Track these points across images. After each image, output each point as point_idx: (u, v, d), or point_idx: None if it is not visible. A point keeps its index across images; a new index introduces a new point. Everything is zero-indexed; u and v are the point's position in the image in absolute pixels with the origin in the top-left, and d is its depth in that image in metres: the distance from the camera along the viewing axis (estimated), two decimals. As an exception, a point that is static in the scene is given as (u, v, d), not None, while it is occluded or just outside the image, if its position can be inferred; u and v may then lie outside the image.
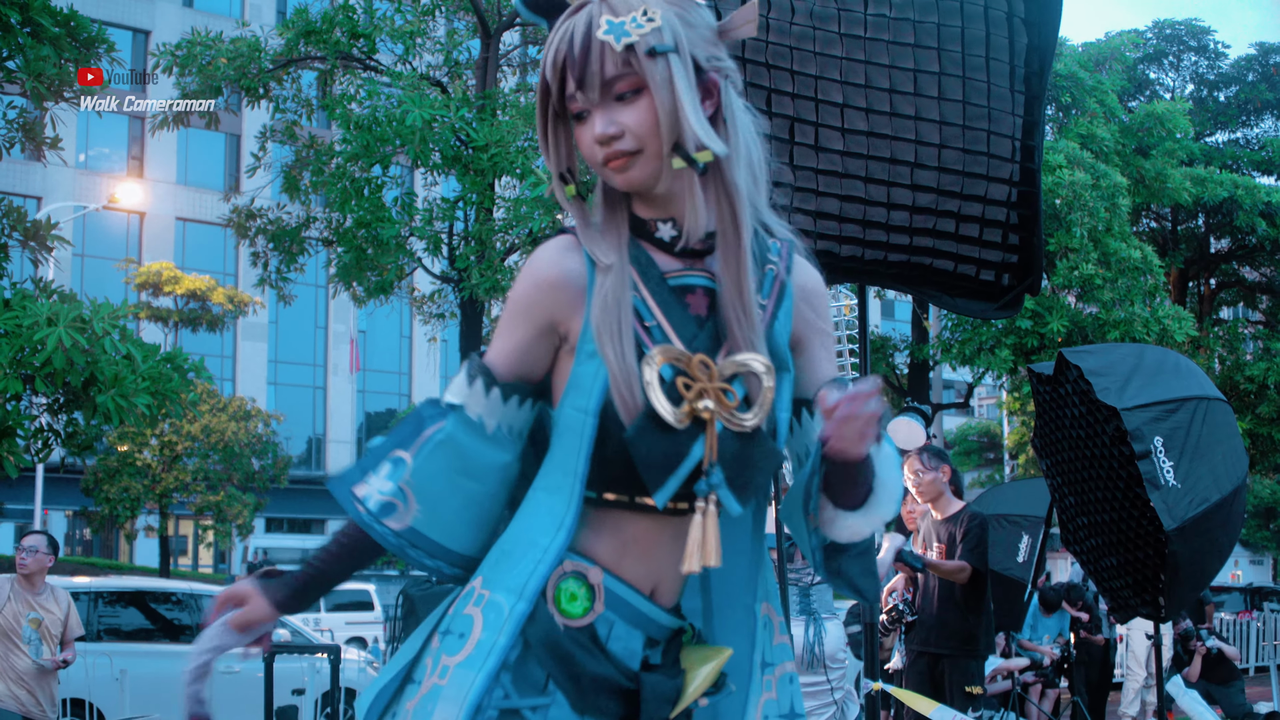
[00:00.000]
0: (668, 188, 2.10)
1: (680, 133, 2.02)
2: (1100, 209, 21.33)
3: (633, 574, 2.18)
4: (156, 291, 36.96)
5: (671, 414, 2.03)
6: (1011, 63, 5.00)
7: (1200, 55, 30.44)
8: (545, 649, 2.13)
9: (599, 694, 2.12)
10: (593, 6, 2.04)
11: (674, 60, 2.02)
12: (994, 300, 5.50)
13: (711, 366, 2.06)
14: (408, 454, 2.14)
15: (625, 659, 2.17)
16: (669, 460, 2.06)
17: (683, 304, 2.12)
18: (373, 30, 20.54)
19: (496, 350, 2.17)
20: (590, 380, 2.11)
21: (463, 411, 2.14)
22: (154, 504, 34.55)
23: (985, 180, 5.13)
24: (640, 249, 2.14)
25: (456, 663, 2.13)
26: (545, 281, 2.13)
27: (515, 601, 2.12)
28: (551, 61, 2.06)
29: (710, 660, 2.22)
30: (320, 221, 22.46)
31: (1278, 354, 25.34)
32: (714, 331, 2.12)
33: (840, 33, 4.85)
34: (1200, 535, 6.89)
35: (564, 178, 2.16)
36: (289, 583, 2.26)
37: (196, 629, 12.88)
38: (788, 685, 2.34)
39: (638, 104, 2.03)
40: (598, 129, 2.04)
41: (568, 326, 2.13)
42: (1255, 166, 28.31)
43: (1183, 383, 7.28)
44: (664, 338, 2.09)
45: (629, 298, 2.08)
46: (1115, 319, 21.46)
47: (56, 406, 12.25)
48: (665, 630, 2.23)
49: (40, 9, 12.01)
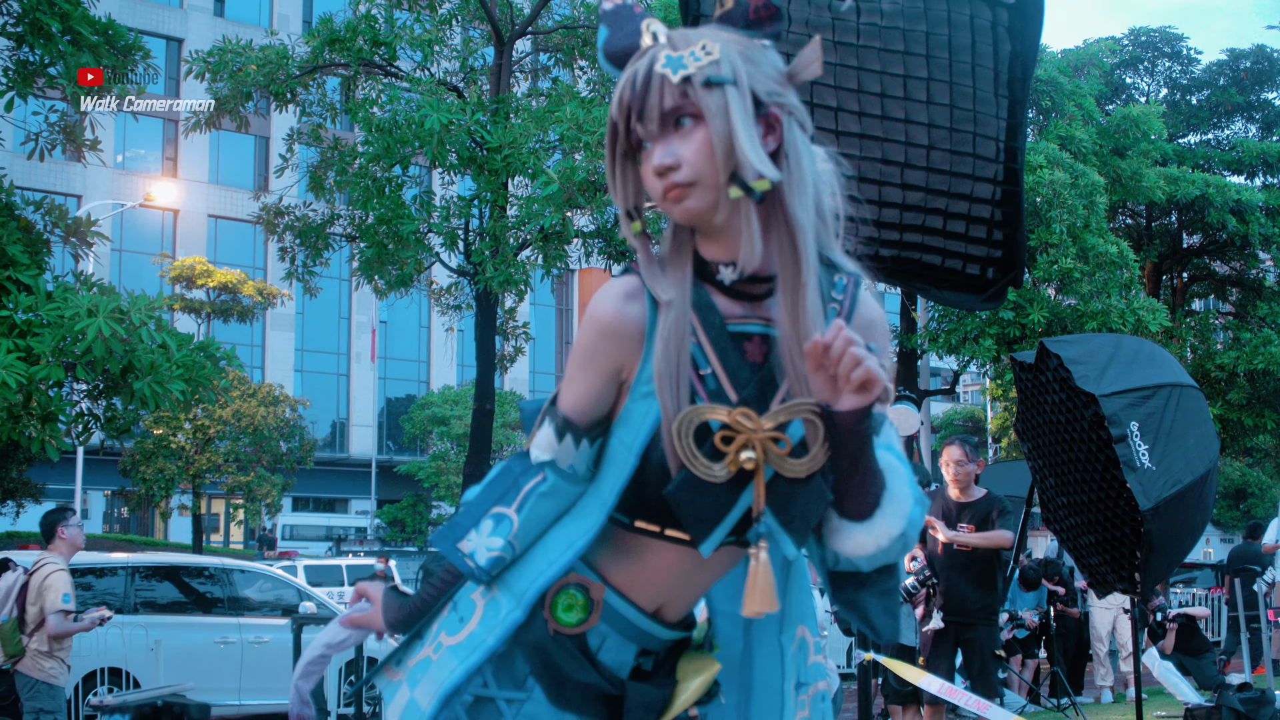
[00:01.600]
0: (726, 220, 2.02)
1: (736, 162, 1.96)
2: (1079, 206, 21.31)
3: (640, 595, 2.16)
4: (190, 284, 36.99)
5: (711, 471, 1.99)
6: (996, 69, 4.98)
7: (1174, 61, 30.37)
8: (532, 650, 2.14)
9: (581, 698, 2.13)
10: (656, 48, 2.01)
11: (730, 91, 1.96)
12: (979, 293, 5.49)
13: (754, 418, 1.98)
14: (510, 510, 2.13)
15: (615, 669, 2.16)
16: (714, 514, 2.02)
17: (739, 350, 2.06)
18: (393, 39, 20.57)
19: (571, 398, 2.13)
20: (640, 420, 2.07)
21: (555, 465, 2.12)
22: (187, 484, 34.61)
23: (971, 179, 5.12)
24: (703, 292, 2.07)
25: (449, 645, 2.16)
26: (610, 330, 2.08)
27: (513, 608, 2.13)
28: (618, 100, 2.02)
29: (702, 672, 2.21)
30: (344, 218, 22.51)
31: (1246, 344, 25.29)
32: (768, 377, 2.05)
33: (834, 41, 4.84)
34: (1174, 515, 6.89)
35: (630, 215, 2.09)
36: (404, 608, 2.31)
37: (228, 601, 12.94)
38: (820, 703, 2.33)
39: (694, 135, 1.97)
40: (656, 159, 1.99)
41: (630, 370, 2.09)
42: (1225, 166, 28.25)
43: (1157, 370, 7.28)
44: (717, 386, 2.03)
45: (688, 345, 2.02)
46: (1093, 310, 21.44)
47: (96, 392, 12.26)
48: (663, 643, 2.22)
49: (80, 18, 12.01)
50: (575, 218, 20.62)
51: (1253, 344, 24.99)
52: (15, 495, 27.71)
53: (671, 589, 2.17)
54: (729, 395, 2.02)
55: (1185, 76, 30.32)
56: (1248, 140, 28.59)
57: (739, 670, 2.32)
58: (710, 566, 2.14)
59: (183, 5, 48.84)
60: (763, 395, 2.04)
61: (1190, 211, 26.63)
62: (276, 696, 12.03)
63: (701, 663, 2.24)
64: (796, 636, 2.33)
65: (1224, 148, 29.35)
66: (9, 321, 11.11)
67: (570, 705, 2.12)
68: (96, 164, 21.13)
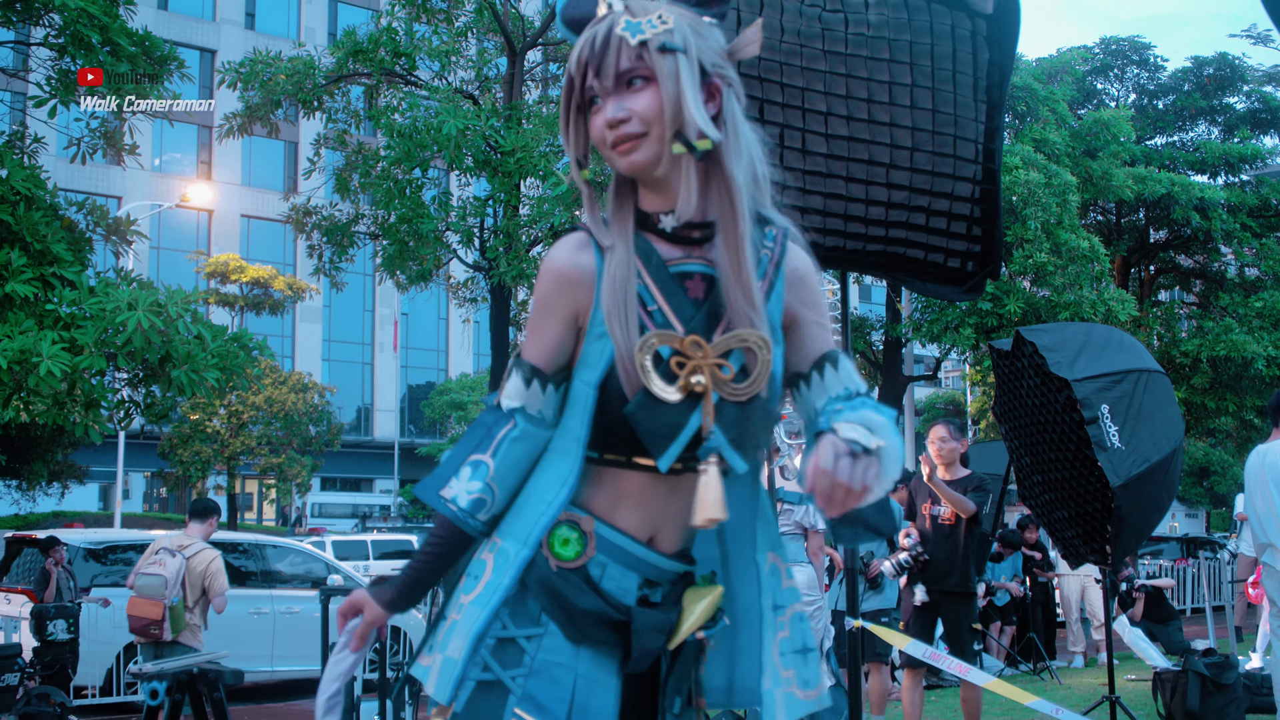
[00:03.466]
0: (667, 173, 2.09)
1: (682, 121, 2.03)
2: (1052, 204, 21.30)
3: (628, 523, 2.18)
4: (224, 280, 37.05)
5: (666, 391, 2.04)
6: (975, 75, 4.97)
7: (1142, 68, 30.31)
8: (539, 587, 2.14)
9: (592, 626, 2.13)
10: (614, 14, 2.07)
11: (681, 59, 2.04)
12: (959, 284, 5.49)
13: (704, 345, 2.06)
14: (486, 456, 2.14)
15: (619, 596, 2.17)
16: (670, 430, 2.07)
17: (682, 288, 2.11)
18: (413, 50, 20.55)
19: (535, 348, 2.17)
20: (596, 358, 2.12)
21: (525, 410, 2.15)
22: (223, 466, 34.69)
23: (951, 179, 5.11)
24: (644, 240, 2.14)
25: (469, 600, 2.16)
26: (564, 278, 2.13)
27: (520, 549, 2.15)
28: (576, 58, 2.09)
29: (706, 597, 2.23)
30: (368, 218, 22.52)
31: (1209, 332, 25.28)
32: (711, 312, 2.11)
33: (824, 50, 4.83)
34: (1142, 491, 6.89)
35: (580, 163, 2.17)
36: (394, 585, 2.28)
37: (261, 575, 12.95)
38: (799, 624, 2.33)
39: (646, 93, 2.04)
40: (609, 113, 2.06)
41: (585, 315, 2.13)
42: (1190, 166, 28.22)
43: (1126, 357, 7.27)
44: (664, 320, 2.08)
45: (634, 283, 2.08)
46: (1066, 301, 21.45)
47: (136, 380, 12.26)
48: (666, 574, 2.23)
49: (118, 30, 12.00)
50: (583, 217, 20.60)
51: (1215, 332, 24.98)
52: (61, 477, 27.83)
53: (654, 515, 2.19)
54: (675, 327, 2.09)
55: (1152, 83, 30.27)
56: (1210, 142, 28.56)
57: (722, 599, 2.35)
58: (684, 493, 2.14)
59: (216, 19, 48.79)
60: (707, 328, 2.10)
61: (1157, 209, 26.61)
62: (306, 663, 12.05)
63: (706, 590, 2.26)
64: (768, 561, 2.33)
65: (1188, 149, 29.30)
66: (54, 315, 11.11)
67: (584, 637, 2.13)
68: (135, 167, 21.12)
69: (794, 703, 2.27)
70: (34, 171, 11.96)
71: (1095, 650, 14.24)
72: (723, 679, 2.36)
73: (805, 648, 2.33)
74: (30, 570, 12.48)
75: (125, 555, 12.77)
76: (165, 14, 45.32)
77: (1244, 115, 29.56)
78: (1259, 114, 29.57)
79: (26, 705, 10.41)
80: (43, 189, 11.82)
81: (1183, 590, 20.52)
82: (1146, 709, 8.32)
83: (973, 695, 7.94)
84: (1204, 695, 6.76)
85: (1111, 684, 7.86)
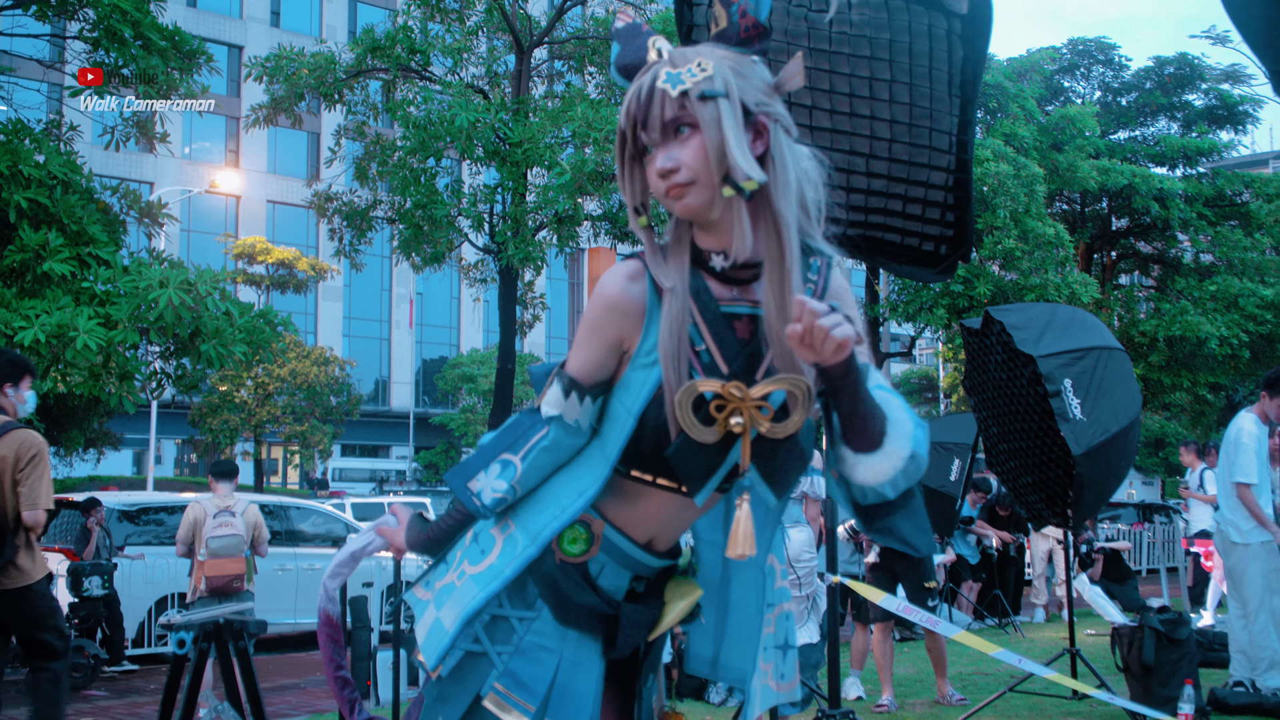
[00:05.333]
0: (721, 216, 2.03)
1: (728, 165, 1.97)
2: (1020, 194, 21.26)
3: (634, 531, 2.19)
4: (251, 261, 37.00)
5: (704, 434, 2.01)
6: (949, 72, 4.95)
7: (1107, 67, 30.19)
8: (541, 576, 2.16)
9: (582, 617, 2.16)
10: (659, 64, 2.02)
11: (723, 104, 1.97)
12: (933, 267, 5.47)
13: (743, 389, 2.00)
14: (516, 458, 2.14)
15: (612, 592, 2.20)
16: (707, 470, 2.06)
17: (730, 329, 2.07)
18: (427, 47, 20.53)
19: (577, 362, 2.13)
20: (639, 386, 2.08)
21: (561, 419, 2.12)
22: (250, 433, 34.73)
23: (927, 169, 5.10)
24: (698, 277, 2.08)
25: (472, 573, 2.18)
26: (615, 306, 2.09)
27: (528, 544, 2.15)
28: (625, 112, 2.03)
29: (686, 597, 2.27)
30: (385, 204, 22.50)
31: (1166, 313, 25.26)
32: (755, 351, 2.07)
33: (809, 47, 4.81)
34: (1102, 459, 6.89)
35: (637, 210, 2.11)
36: (424, 533, 2.35)
37: (285, 534, 12.95)
38: (784, 622, 2.38)
39: (692, 141, 1.98)
40: (659, 164, 2.00)
41: (631, 342, 2.09)
42: (1150, 159, 28.14)
43: (1088, 335, 7.26)
44: (710, 360, 2.05)
45: (688, 326, 2.04)
46: (1032, 284, 21.42)
47: (168, 354, 12.26)
48: (654, 570, 2.26)
49: (149, 26, 11.95)
50: (585, 203, 20.60)
51: (1171, 313, 24.98)
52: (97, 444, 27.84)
53: (661, 526, 2.21)
54: (721, 368, 2.04)
55: (1116, 81, 30.16)
56: (1170, 136, 28.50)
57: (718, 591, 2.39)
58: (694, 508, 2.18)
59: (243, 16, 48.57)
60: (750, 368, 2.06)
61: (1119, 199, 26.57)
62: (326, 616, 12.05)
63: (686, 588, 2.29)
64: (768, 562, 2.37)
65: (1149, 143, 29.23)
66: (90, 292, 11.10)
67: (573, 623, 2.15)
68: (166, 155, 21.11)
69: (768, 694, 2.33)
70: (70, 157, 11.93)
71: (1058, 607, 14.27)
72: (710, 651, 2.42)
73: (786, 644, 2.39)
74: (68, 530, 12.48)
75: (157, 516, 12.78)
76: (195, 11, 45.13)
77: (1202, 111, 29.47)
78: (1216, 110, 29.48)
79: (64, 656, 10.43)
80: (79, 174, 11.79)
81: (1139, 552, 20.55)
82: (1105, 661, 8.34)
83: (937, 644, 7.99)
84: (1159, 649, 6.76)
85: (1072, 637, 7.87)
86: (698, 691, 8.18)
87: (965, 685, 8.59)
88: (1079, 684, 6.37)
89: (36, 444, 6.06)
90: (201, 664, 5.40)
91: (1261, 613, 7.24)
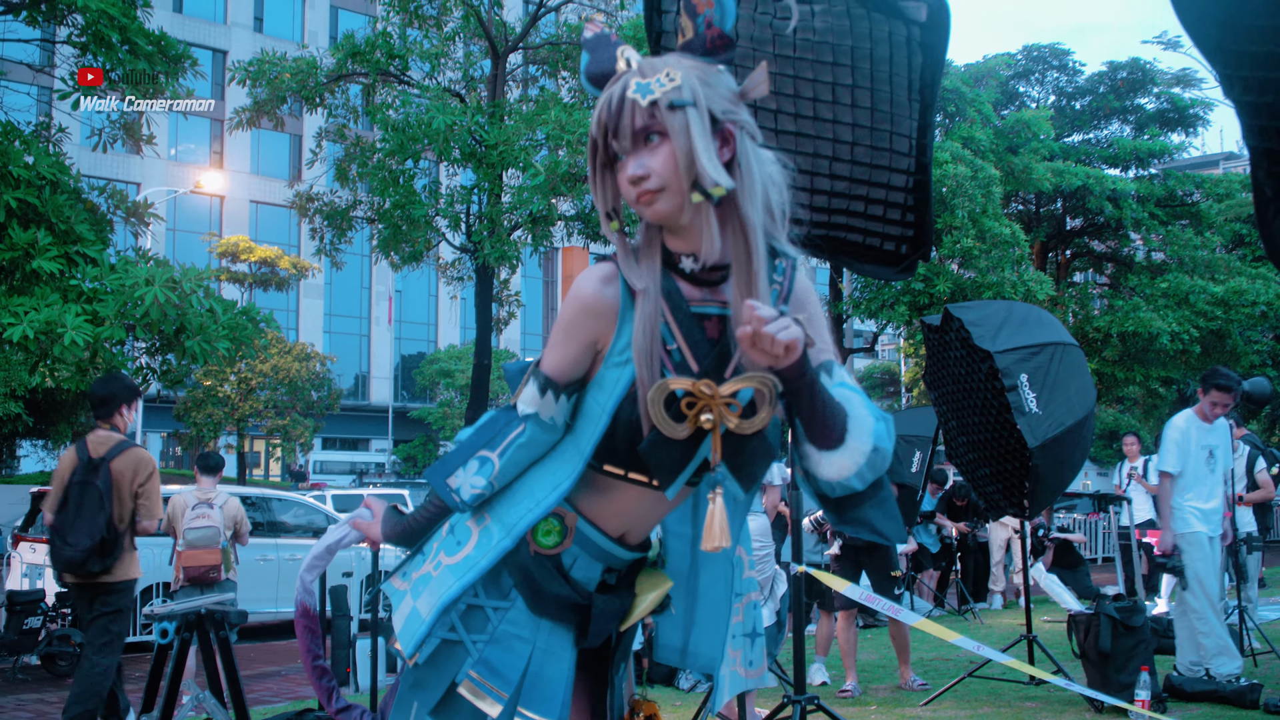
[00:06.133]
0: (690, 220, 2.03)
1: (696, 172, 1.97)
2: (978, 195, 21.35)
3: (606, 524, 2.19)
4: (234, 259, 36.74)
5: (675, 431, 2.00)
6: (909, 77, 4.95)
7: (1061, 72, 30.31)
8: (515, 567, 2.16)
9: (555, 607, 2.16)
10: (629, 74, 2.02)
11: (690, 112, 1.97)
12: (894, 266, 5.48)
13: (713, 387, 2.00)
14: (494, 455, 2.13)
15: (584, 583, 2.20)
16: (677, 464, 2.06)
17: (700, 329, 2.07)
18: (406, 52, 20.50)
19: (552, 362, 2.12)
20: (612, 385, 2.08)
21: (537, 417, 2.11)
22: (233, 427, 34.56)
23: (888, 171, 5.10)
24: (670, 279, 2.08)
25: (448, 564, 2.18)
26: (589, 308, 2.08)
27: (503, 537, 2.15)
28: (596, 121, 2.03)
29: (657, 588, 2.28)
30: (365, 204, 22.47)
31: (1119, 310, 25.42)
32: (723, 350, 2.08)
33: (774, 53, 4.81)
34: (1057, 451, 6.92)
35: (609, 215, 2.10)
36: (400, 524, 2.35)
37: (267, 525, 12.88)
38: (751, 610, 2.40)
39: (661, 149, 1.99)
40: (630, 171, 2.00)
41: (605, 341, 2.09)
42: (1104, 161, 28.29)
43: (1044, 331, 7.29)
44: (681, 359, 2.05)
45: (660, 326, 2.04)
46: (989, 282, 21.52)
47: (153, 349, 12.16)
48: (625, 562, 2.26)
49: (136, 31, 11.84)
50: (559, 204, 20.60)
51: (1124, 310, 25.13)
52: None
53: (633, 520, 2.21)
54: (691, 366, 2.04)
55: (1070, 85, 30.29)
56: (1123, 139, 28.65)
57: (686, 582, 2.40)
58: (665, 502, 2.18)
59: (227, 22, 48.26)
60: (719, 366, 2.06)
61: (1073, 199, 26.71)
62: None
63: (656, 579, 2.30)
64: (736, 553, 2.39)
65: (1103, 145, 29.38)
66: (78, 289, 11.00)
67: (546, 613, 2.16)
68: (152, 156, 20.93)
69: (736, 680, 2.35)
70: (59, 158, 11.81)
71: (1015, 594, 14.34)
72: (679, 640, 2.43)
73: (754, 632, 2.41)
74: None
75: (143, 508, 12.70)
76: (180, 17, 44.82)
77: (1154, 115, 29.64)
78: (1167, 113, 29.66)
79: (48, 646, 10.35)
80: (67, 174, 11.67)
81: (1094, 541, 20.68)
82: (1061, 648, 8.37)
83: (901, 632, 8.01)
84: (1115, 636, 6.79)
85: (1029, 624, 7.91)
86: (667, 678, 8.20)
87: (927, 671, 8.61)
88: (1036, 670, 6.39)
89: (150, 462, 7.14)
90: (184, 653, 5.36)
91: (1198, 599, 7.31)
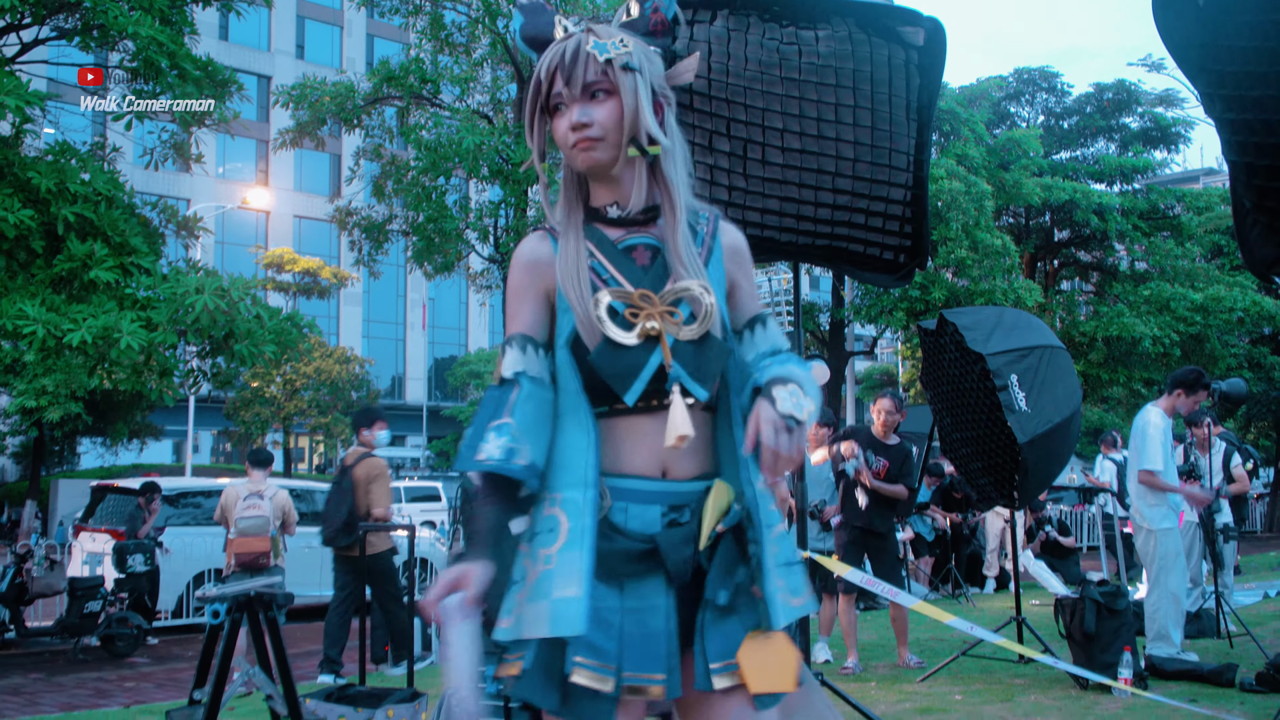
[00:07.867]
0: (619, 172, 2.09)
1: (637, 129, 2.04)
2: (971, 209, 21.30)
3: (635, 465, 2.05)
4: (279, 269, 36.91)
5: (623, 336, 2.00)
6: (907, 98, 4.96)
7: (1050, 93, 30.25)
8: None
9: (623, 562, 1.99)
10: (581, 34, 2.06)
11: (639, 78, 2.04)
12: (893, 274, 5.50)
13: (652, 296, 2.03)
14: (505, 418, 1.98)
15: (644, 529, 2.03)
16: (631, 370, 2.00)
17: (630, 259, 2.09)
18: (437, 77, 20.54)
19: (519, 323, 2.09)
20: (566, 327, 2.07)
21: (526, 374, 2.04)
22: (279, 424, 34.70)
23: (887, 185, 5.11)
24: (594, 228, 2.11)
25: (558, 549, 1.98)
26: (528, 264, 2.11)
27: (585, 489, 2.00)
28: (546, 67, 2.06)
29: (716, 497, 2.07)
30: (400, 218, 22.51)
31: (1104, 315, 25.35)
32: (660, 274, 2.07)
33: (781, 76, 4.82)
34: (1045, 447, 6.90)
35: (540, 155, 2.14)
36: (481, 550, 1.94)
37: (311, 515, 12.92)
38: (785, 539, 2.15)
39: (607, 104, 2.04)
40: (575, 117, 2.03)
41: (554, 293, 2.09)
42: (1090, 176, 28.20)
43: (1033, 335, 7.27)
44: (618, 284, 2.05)
45: (585, 256, 2.06)
46: (982, 289, 21.48)
47: (204, 353, 12.23)
48: (688, 496, 2.08)
49: (184, 57, 11.91)
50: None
51: (1109, 316, 25.06)
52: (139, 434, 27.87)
53: (657, 451, 2.05)
54: (627, 289, 2.05)
55: (1059, 106, 30.21)
56: (1108, 156, 28.57)
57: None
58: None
59: (271, 49, 48.43)
60: (657, 285, 2.07)
61: (1061, 212, 26.63)
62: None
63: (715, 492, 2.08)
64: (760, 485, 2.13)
65: (1089, 162, 29.29)
66: (133, 298, 11.09)
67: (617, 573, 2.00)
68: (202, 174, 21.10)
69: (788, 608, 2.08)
70: (114, 175, 11.90)
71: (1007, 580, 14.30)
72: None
73: (791, 561, 2.17)
74: (113, 514, 12.45)
75: (194, 500, 12.74)
76: (226, 44, 44.96)
77: (1138, 133, 29.54)
78: (1150, 132, 29.56)
79: (107, 628, 10.41)
80: (121, 191, 11.75)
81: (1080, 531, 20.60)
82: (1049, 629, 8.35)
83: (900, 614, 8.00)
84: (1099, 619, 6.76)
85: (1018, 607, 7.89)
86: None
87: (923, 650, 8.60)
88: (1026, 649, 6.38)
89: (381, 467, 8.62)
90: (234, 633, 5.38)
91: (1155, 589, 7.30)
